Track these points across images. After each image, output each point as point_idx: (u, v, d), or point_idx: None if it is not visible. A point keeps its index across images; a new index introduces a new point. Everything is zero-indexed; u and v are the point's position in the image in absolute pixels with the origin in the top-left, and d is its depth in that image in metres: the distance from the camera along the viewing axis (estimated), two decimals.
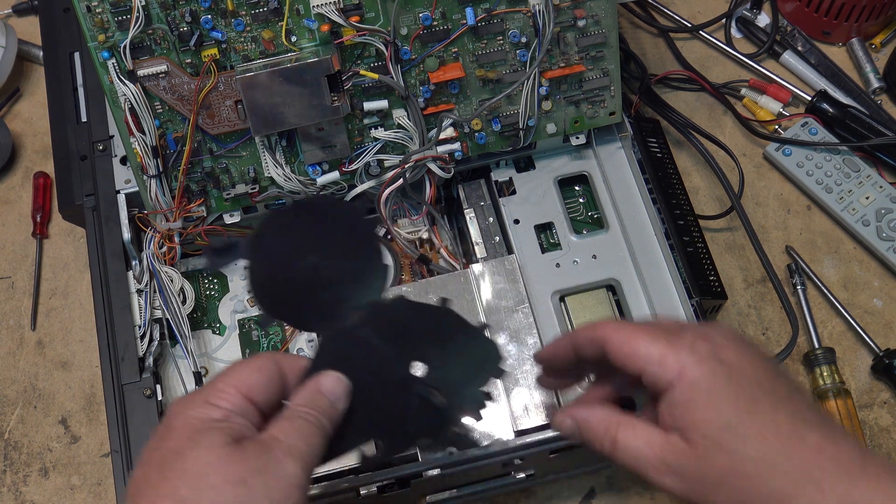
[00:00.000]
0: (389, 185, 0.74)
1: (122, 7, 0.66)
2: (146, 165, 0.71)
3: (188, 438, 0.50)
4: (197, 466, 0.49)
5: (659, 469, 0.53)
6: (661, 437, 0.54)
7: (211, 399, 0.52)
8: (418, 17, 0.70)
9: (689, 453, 0.53)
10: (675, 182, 0.78)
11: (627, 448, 0.55)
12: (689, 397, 0.52)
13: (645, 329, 0.55)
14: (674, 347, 0.53)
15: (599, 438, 0.56)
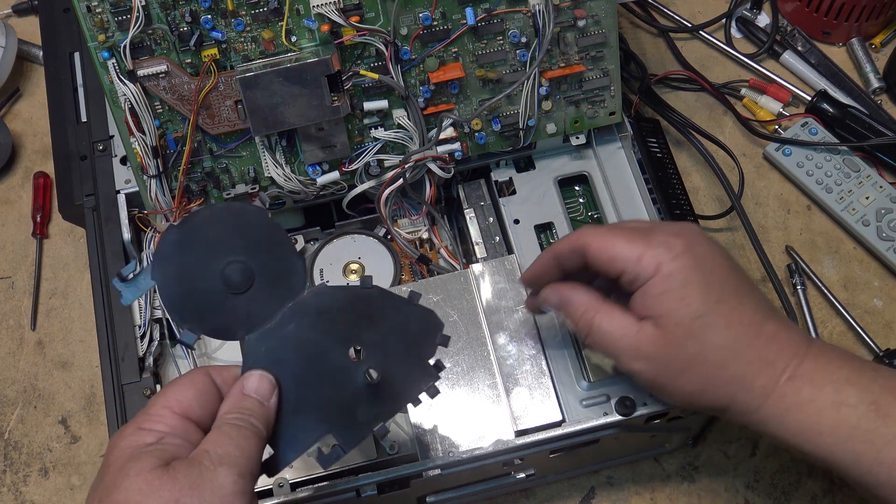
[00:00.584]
0: (389, 185, 0.74)
1: (122, 7, 0.66)
2: (146, 165, 0.71)
3: (119, 469, 0.49)
4: (128, 496, 0.48)
5: (630, 353, 0.59)
6: (636, 324, 0.59)
7: (143, 425, 0.51)
8: (418, 17, 0.70)
9: (660, 340, 0.58)
10: (675, 182, 0.78)
11: (602, 332, 0.60)
12: (665, 288, 0.57)
13: (621, 232, 0.60)
14: (650, 245, 0.58)
15: (578, 318, 0.61)
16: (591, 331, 0.61)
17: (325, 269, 0.78)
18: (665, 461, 0.81)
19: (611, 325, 0.60)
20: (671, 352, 0.58)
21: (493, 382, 0.69)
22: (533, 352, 0.70)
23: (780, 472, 0.80)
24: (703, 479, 0.80)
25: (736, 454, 0.81)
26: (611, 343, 0.60)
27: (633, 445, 0.76)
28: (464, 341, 0.70)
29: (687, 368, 0.58)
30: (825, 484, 0.80)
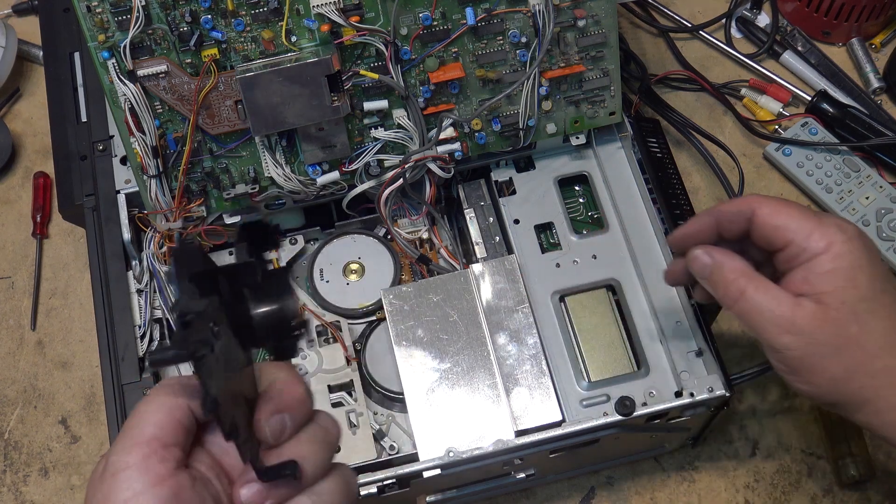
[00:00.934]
0: (389, 185, 0.74)
1: (122, 7, 0.66)
2: (146, 165, 0.71)
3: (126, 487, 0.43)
4: None
5: (782, 326, 0.57)
6: (792, 299, 0.57)
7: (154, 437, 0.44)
8: (418, 17, 0.70)
9: (819, 316, 0.56)
10: (675, 182, 0.78)
11: (754, 302, 0.58)
12: (835, 266, 0.57)
13: (793, 204, 0.59)
14: (821, 223, 0.58)
15: (727, 284, 0.59)
16: (741, 299, 0.58)
17: (325, 269, 0.78)
18: (665, 461, 0.81)
19: (765, 295, 0.57)
20: (829, 330, 0.56)
21: (493, 382, 0.69)
22: (533, 352, 0.70)
23: (780, 472, 0.80)
24: (703, 479, 0.80)
25: (736, 454, 0.81)
26: (762, 314, 0.57)
27: (633, 445, 0.76)
28: (464, 341, 0.70)
29: (841, 350, 0.56)
30: (825, 484, 0.80)
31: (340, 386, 0.73)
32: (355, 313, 0.76)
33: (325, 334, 0.75)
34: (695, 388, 0.68)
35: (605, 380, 0.70)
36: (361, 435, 0.71)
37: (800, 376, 0.58)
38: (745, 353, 0.84)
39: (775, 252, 0.59)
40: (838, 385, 0.57)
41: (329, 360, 0.74)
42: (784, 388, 0.83)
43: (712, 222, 0.62)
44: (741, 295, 0.58)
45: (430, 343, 0.70)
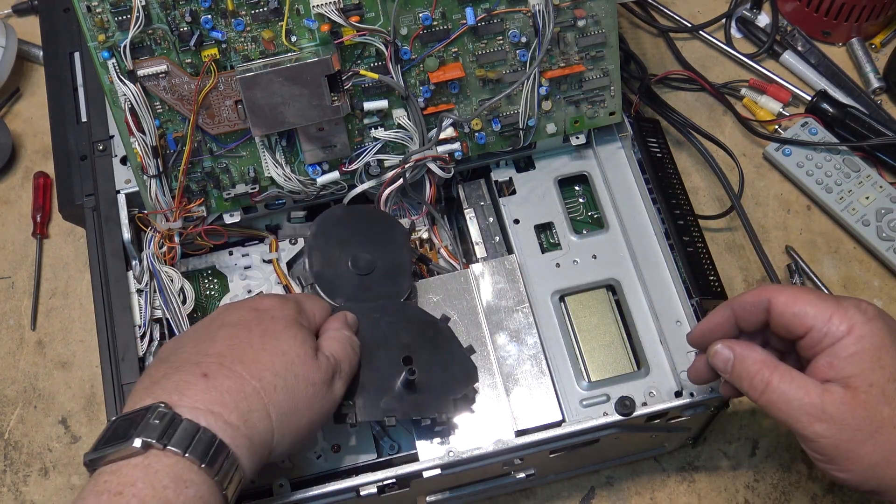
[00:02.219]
0: (389, 185, 0.74)
1: (122, 7, 0.66)
2: (146, 165, 0.71)
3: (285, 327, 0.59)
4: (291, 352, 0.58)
5: (812, 415, 0.56)
6: (819, 386, 0.56)
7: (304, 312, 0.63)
8: (418, 17, 0.70)
9: (849, 402, 0.55)
10: (675, 182, 0.78)
11: (781, 392, 0.57)
12: (859, 349, 0.56)
13: (810, 291, 0.59)
14: (840, 306, 0.57)
15: (751, 377, 0.59)
16: (767, 390, 0.58)
17: None
18: (665, 461, 0.81)
19: (791, 384, 0.57)
20: (860, 414, 0.55)
21: (493, 382, 0.69)
22: (533, 352, 0.70)
23: (780, 472, 0.80)
24: (703, 479, 0.80)
25: (736, 454, 0.81)
26: (789, 404, 0.57)
27: (633, 445, 0.76)
28: (464, 341, 0.70)
29: (876, 433, 0.55)
30: (825, 484, 0.80)
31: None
32: None
33: None
34: (695, 388, 0.68)
35: (605, 380, 0.70)
36: (361, 435, 0.71)
37: (836, 464, 0.56)
38: None
39: (797, 340, 0.58)
40: (877, 470, 0.55)
41: None
42: None
43: (730, 315, 0.61)
44: (766, 386, 0.58)
45: None
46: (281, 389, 0.57)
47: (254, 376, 0.56)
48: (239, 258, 0.78)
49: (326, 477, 0.68)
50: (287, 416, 0.57)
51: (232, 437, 0.54)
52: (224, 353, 0.57)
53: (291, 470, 0.69)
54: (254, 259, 0.78)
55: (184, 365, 0.56)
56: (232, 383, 0.55)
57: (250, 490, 0.68)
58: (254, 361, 0.56)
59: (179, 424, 0.52)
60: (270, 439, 0.56)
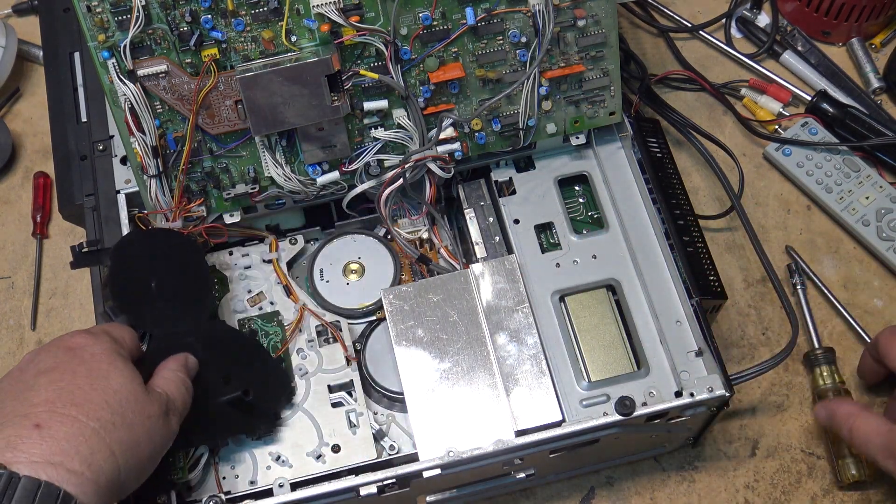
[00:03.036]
0: (389, 185, 0.74)
1: (122, 7, 0.66)
2: (146, 165, 0.71)
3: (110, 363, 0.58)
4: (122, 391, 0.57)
5: (883, 453, 0.67)
6: (886, 425, 0.67)
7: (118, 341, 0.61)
8: (418, 17, 0.70)
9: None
10: (675, 182, 0.78)
11: (859, 434, 0.69)
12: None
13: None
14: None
15: (840, 425, 0.71)
16: (851, 433, 0.69)
17: (325, 269, 0.78)
18: (665, 461, 0.81)
19: (866, 427, 0.68)
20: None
21: (493, 382, 0.69)
22: (533, 352, 0.70)
23: (780, 472, 0.80)
24: (703, 479, 0.80)
25: (736, 454, 0.81)
26: (865, 443, 0.68)
27: (633, 445, 0.76)
28: (464, 341, 0.70)
29: None
30: (825, 484, 0.80)
31: (340, 386, 0.73)
32: (355, 313, 0.76)
33: (325, 334, 0.75)
34: (695, 388, 0.68)
35: (605, 380, 0.70)
36: (361, 435, 0.71)
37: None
38: (745, 353, 0.84)
39: None
40: None
41: (329, 360, 0.74)
42: (784, 389, 0.83)
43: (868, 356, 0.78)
44: (851, 432, 0.69)
45: (430, 343, 0.70)
46: (120, 426, 0.55)
47: (90, 417, 0.54)
48: (239, 258, 0.78)
49: (326, 477, 0.68)
50: (131, 450, 0.56)
51: (77, 485, 0.51)
52: (52, 399, 0.54)
53: None
54: (254, 259, 0.78)
55: (9, 419, 0.53)
56: (68, 428, 0.53)
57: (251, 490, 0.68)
58: (86, 402, 0.54)
59: (18, 483, 0.49)
60: (118, 477, 0.55)
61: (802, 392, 0.83)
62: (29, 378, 0.57)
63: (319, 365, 0.74)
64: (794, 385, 0.84)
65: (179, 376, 0.64)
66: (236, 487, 0.69)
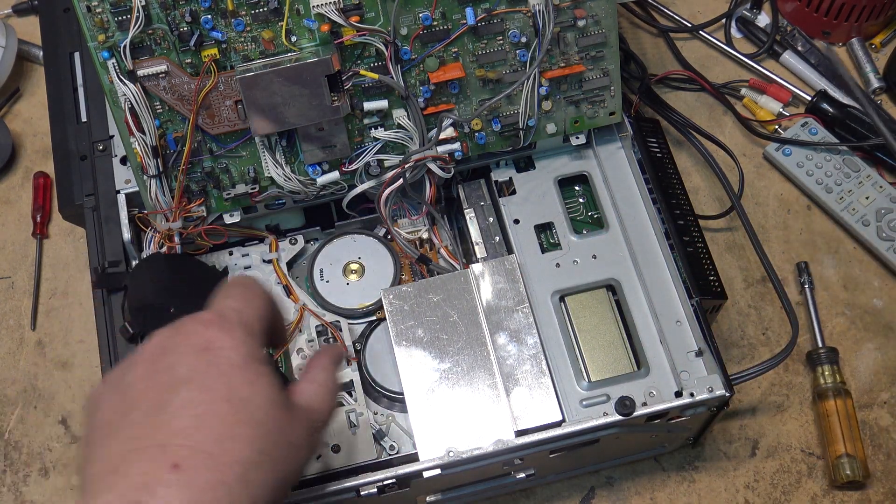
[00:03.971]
0: (389, 185, 0.74)
1: (122, 7, 0.66)
2: (146, 165, 0.71)
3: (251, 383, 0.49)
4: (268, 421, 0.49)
5: None
6: None
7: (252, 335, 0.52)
8: (418, 17, 0.70)
9: None
10: (675, 182, 0.78)
11: None
12: None
13: None
14: None
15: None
16: None
17: (325, 269, 0.78)
18: (665, 461, 0.81)
19: None
20: None
21: (493, 382, 0.69)
22: (533, 352, 0.70)
23: (780, 472, 0.80)
24: (703, 479, 0.80)
25: (736, 454, 0.81)
26: None
27: (633, 445, 0.76)
28: (464, 341, 0.70)
29: None
30: (825, 484, 0.80)
31: (340, 386, 0.73)
32: (355, 313, 0.76)
33: (325, 334, 0.75)
34: (695, 388, 0.68)
35: (605, 380, 0.70)
36: (361, 435, 0.71)
37: None
38: (745, 353, 0.84)
39: None
40: None
41: None
42: (784, 389, 0.83)
43: None
44: None
45: (430, 343, 0.70)
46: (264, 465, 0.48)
47: (234, 458, 0.46)
48: (239, 258, 0.78)
49: (326, 477, 0.68)
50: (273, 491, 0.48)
51: None
52: (191, 430, 0.46)
53: None
54: (254, 259, 0.78)
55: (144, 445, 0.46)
56: (209, 475, 0.45)
57: None
58: (229, 438, 0.47)
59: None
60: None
61: (802, 392, 0.83)
62: (163, 384, 0.48)
63: None
64: (794, 385, 0.84)
65: (330, 383, 0.55)
66: None
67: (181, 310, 0.67)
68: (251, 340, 0.51)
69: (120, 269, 0.74)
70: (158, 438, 0.46)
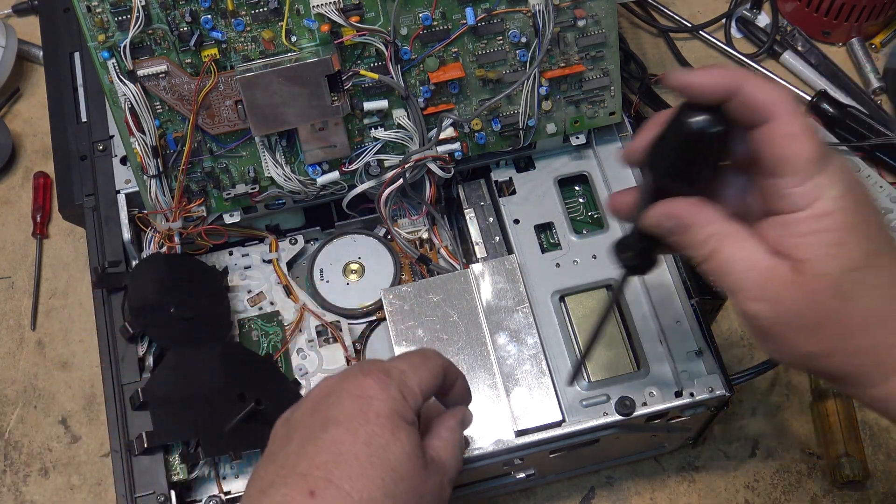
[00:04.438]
0: (389, 185, 0.74)
1: (122, 7, 0.66)
2: (146, 165, 0.71)
3: (392, 433, 0.53)
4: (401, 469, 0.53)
5: (754, 294, 0.49)
6: (769, 261, 0.49)
7: (407, 396, 0.55)
8: (418, 17, 0.70)
9: (795, 287, 0.48)
10: None
11: (727, 263, 0.49)
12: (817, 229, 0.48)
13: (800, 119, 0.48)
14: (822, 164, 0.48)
15: (698, 243, 0.51)
16: (712, 259, 0.50)
17: (325, 269, 0.78)
18: (665, 461, 0.81)
19: (739, 254, 0.49)
20: (805, 304, 0.48)
21: (493, 382, 0.69)
22: (533, 352, 0.70)
23: (780, 472, 0.80)
24: (703, 479, 0.80)
25: (736, 454, 0.81)
26: (735, 277, 0.49)
27: (633, 445, 0.76)
28: (464, 341, 0.70)
29: (818, 327, 0.48)
30: (825, 484, 0.80)
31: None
32: (355, 313, 0.76)
33: (325, 334, 0.75)
34: (695, 388, 0.68)
35: (605, 380, 0.70)
36: None
37: (771, 345, 0.51)
38: (745, 353, 0.84)
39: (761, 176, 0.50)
40: (812, 360, 0.50)
41: (329, 360, 0.74)
42: (784, 389, 0.83)
43: None
44: (713, 254, 0.50)
45: (430, 343, 0.70)
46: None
47: (363, 495, 0.51)
48: (239, 258, 0.78)
49: None
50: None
51: None
52: (331, 464, 0.52)
53: None
54: (254, 259, 0.78)
55: (290, 472, 0.52)
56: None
57: None
58: (361, 476, 0.52)
59: None
60: None
61: (802, 392, 0.83)
62: (318, 422, 0.54)
63: (319, 365, 0.74)
64: (794, 385, 0.84)
65: (457, 438, 0.59)
66: (236, 487, 0.69)
67: (181, 310, 0.70)
68: (403, 400, 0.55)
69: (120, 269, 0.74)
70: (302, 468, 0.52)
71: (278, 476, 0.52)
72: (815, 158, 0.48)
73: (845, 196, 0.48)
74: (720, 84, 0.48)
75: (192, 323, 0.71)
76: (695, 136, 0.49)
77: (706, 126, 0.49)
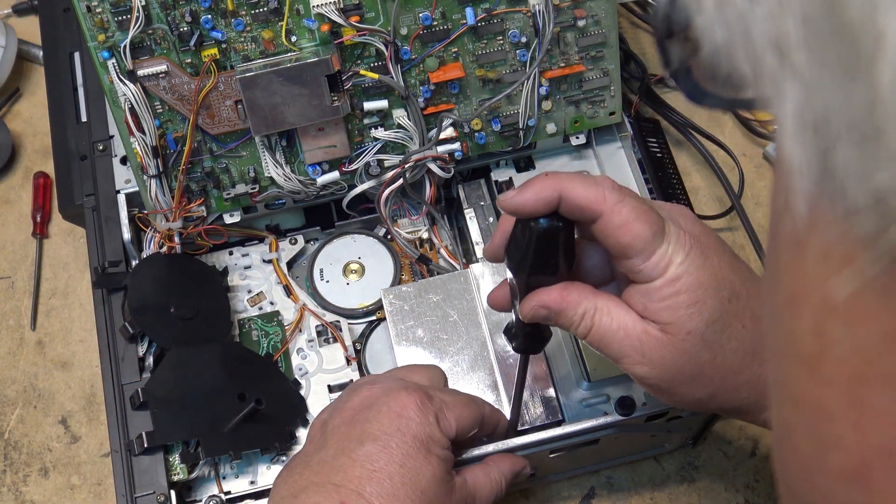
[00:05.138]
0: (389, 185, 0.74)
1: (122, 7, 0.66)
2: (146, 165, 0.71)
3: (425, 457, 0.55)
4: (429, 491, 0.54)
5: (635, 359, 0.53)
6: (639, 325, 0.53)
7: (442, 424, 0.57)
8: (418, 17, 0.70)
9: (670, 347, 0.52)
10: (675, 182, 0.78)
11: (605, 335, 0.54)
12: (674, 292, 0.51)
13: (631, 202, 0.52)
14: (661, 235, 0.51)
15: (574, 324, 0.55)
16: (591, 333, 0.54)
17: (325, 269, 0.78)
18: (665, 461, 0.81)
19: (613, 324, 0.53)
20: (681, 361, 0.52)
21: (493, 382, 0.69)
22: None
23: None
24: (703, 479, 0.80)
25: (736, 454, 0.81)
26: (612, 345, 0.53)
27: (633, 445, 0.76)
28: (464, 341, 0.70)
29: (698, 376, 0.53)
30: None
31: (340, 386, 0.73)
32: (355, 313, 0.76)
33: (325, 334, 0.75)
34: None
35: (605, 380, 0.70)
36: None
37: (665, 398, 0.56)
38: None
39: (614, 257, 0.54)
40: (705, 404, 0.55)
41: (329, 360, 0.74)
42: None
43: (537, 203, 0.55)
44: (589, 330, 0.54)
45: (430, 343, 0.70)
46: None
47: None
48: (239, 258, 0.78)
49: None
50: None
51: None
52: (364, 479, 0.53)
53: None
54: (254, 259, 0.78)
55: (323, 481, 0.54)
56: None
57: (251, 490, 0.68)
58: (392, 496, 0.53)
59: None
60: None
61: None
62: (356, 434, 0.56)
63: (319, 365, 0.74)
64: None
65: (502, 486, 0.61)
66: (236, 487, 0.69)
67: (181, 310, 0.70)
68: (439, 430, 0.57)
69: (120, 269, 0.74)
70: (335, 479, 0.53)
71: (311, 483, 0.54)
72: (652, 235, 0.51)
73: (690, 255, 0.52)
74: (543, 198, 0.52)
75: (192, 323, 0.72)
76: (540, 237, 0.53)
77: (548, 227, 0.53)
